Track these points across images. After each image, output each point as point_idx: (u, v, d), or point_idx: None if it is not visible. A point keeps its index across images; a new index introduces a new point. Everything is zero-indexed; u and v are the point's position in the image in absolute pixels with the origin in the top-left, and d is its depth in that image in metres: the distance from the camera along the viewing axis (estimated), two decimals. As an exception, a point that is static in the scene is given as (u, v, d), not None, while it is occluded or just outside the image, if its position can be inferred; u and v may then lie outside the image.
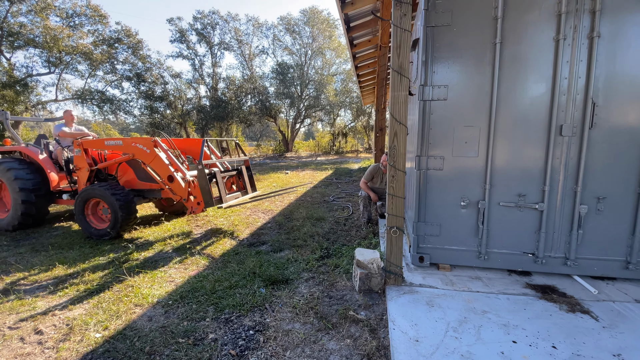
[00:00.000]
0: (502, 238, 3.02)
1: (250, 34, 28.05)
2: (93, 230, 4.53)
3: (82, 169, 4.83)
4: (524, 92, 2.81)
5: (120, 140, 4.54)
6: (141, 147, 4.35)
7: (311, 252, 3.84)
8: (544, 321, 2.28)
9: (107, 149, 4.71)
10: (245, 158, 5.27)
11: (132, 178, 4.94)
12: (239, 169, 5.08)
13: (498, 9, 2.74)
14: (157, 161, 4.29)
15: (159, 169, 4.31)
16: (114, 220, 4.38)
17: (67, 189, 5.23)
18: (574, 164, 2.80)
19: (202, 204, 4.20)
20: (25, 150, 5.33)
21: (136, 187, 4.91)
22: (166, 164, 4.25)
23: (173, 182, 4.25)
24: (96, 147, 4.82)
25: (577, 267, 2.91)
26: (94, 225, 4.59)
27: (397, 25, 2.52)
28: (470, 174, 3.00)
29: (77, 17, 18.91)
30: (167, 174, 4.26)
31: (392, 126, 2.65)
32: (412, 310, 2.41)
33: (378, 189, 5.10)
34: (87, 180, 4.82)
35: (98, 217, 4.70)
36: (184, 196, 4.24)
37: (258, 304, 2.62)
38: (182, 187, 4.23)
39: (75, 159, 4.86)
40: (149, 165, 4.35)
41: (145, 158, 4.35)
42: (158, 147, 4.33)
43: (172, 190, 4.31)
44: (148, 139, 4.36)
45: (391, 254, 2.77)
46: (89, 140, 4.84)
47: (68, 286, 3.07)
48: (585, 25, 2.66)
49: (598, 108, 2.70)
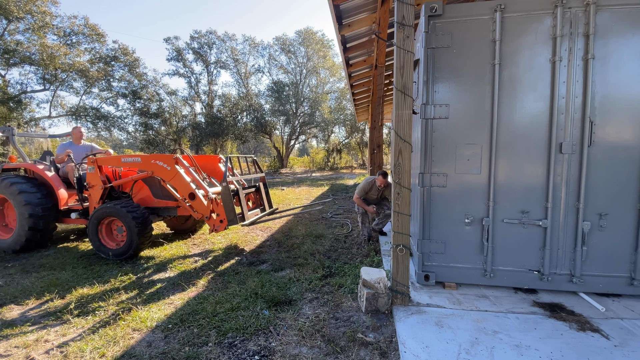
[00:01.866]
0: (507, 255, 3.01)
1: (247, 53, 28.57)
2: (108, 250, 4.36)
3: (96, 186, 4.67)
4: (524, 111, 2.88)
5: (138, 157, 4.42)
6: (161, 164, 4.24)
7: (313, 271, 3.76)
8: (555, 341, 2.24)
9: (123, 166, 4.58)
10: (261, 175, 5.21)
11: (147, 195, 4.79)
12: (257, 185, 5.03)
13: (496, 32, 2.84)
14: (178, 178, 4.18)
15: (179, 187, 4.21)
16: (129, 239, 4.24)
17: (76, 207, 5.03)
18: (575, 181, 2.84)
19: (225, 222, 4.10)
20: (32, 167, 5.13)
21: (151, 204, 4.74)
22: (187, 182, 4.16)
23: (195, 200, 4.15)
24: (112, 164, 4.67)
25: (583, 284, 2.90)
26: (109, 245, 4.43)
27: (400, 47, 2.59)
28: (473, 191, 3.02)
29: (75, 35, 19.08)
30: (188, 192, 4.16)
31: (397, 144, 2.67)
32: (422, 331, 2.35)
33: (373, 200, 5.06)
34: (100, 199, 4.67)
35: (112, 237, 4.54)
36: (206, 214, 4.14)
37: (262, 326, 2.53)
38: (205, 205, 4.13)
39: (89, 176, 4.69)
40: (169, 182, 4.24)
41: (165, 175, 4.25)
42: (179, 164, 4.24)
43: (193, 208, 4.20)
44: (169, 156, 4.26)
45: (398, 273, 2.73)
46: (104, 157, 4.69)
47: (61, 309, 2.93)
48: (579, 47, 2.76)
49: (596, 126, 2.77)
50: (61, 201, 4.95)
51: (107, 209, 4.34)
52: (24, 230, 4.67)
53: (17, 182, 4.78)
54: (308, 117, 28.49)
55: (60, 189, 4.99)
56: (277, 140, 31.02)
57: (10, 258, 4.61)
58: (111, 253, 4.32)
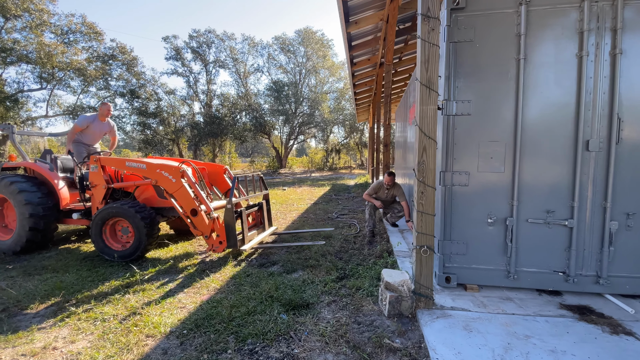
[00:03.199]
0: (531, 256, 2.92)
1: (246, 52, 28.44)
2: (113, 252, 4.22)
3: (98, 186, 4.50)
4: (549, 107, 2.79)
5: (144, 164, 4.22)
6: (166, 175, 4.05)
7: (326, 273, 3.65)
8: (590, 345, 2.15)
9: (127, 170, 4.39)
10: (265, 192, 5.06)
11: (151, 195, 4.64)
12: (261, 204, 4.89)
13: (521, 25, 2.76)
14: (181, 192, 4.00)
15: (182, 201, 4.03)
16: (137, 240, 4.11)
17: (78, 207, 4.87)
18: (602, 180, 2.76)
19: (224, 244, 3.97)
20: (33, 166, 4.95)
21: (156, 204, 4.60)
22: (191, 197, 3.97)
23: (196, 217, 3.99)
24: (115, 166, 4.50)
25: (610, 286, 2.81)
26: (114, 247, 4.28)
27: (425, 39, 2.49)
28: (496, 189, 2.93)
29: (72, 34, 18.85)
30: (190, 207, 3.99)
31: (421, 141, 2.57)
32: (450, 336, 2.25)
33: (382, 200, 5.42)
34: (103, 199, 4.51)
35: (116, 238, 4.40)
36: (206, 233, 3.99)
37: (282, 331, 2.42)
38: (206, 224, 3.98)
39: (91, 175, 4.51)
40: (173, 194, 4.07)
41: (169, 187, 4.06)
42: (185, 177, 4.07)
43: (194, 224, 4.05)
44: (175, 167, 4.08)
45: (421, 275, 2.63)
46: (108, 158, 4.53)
47: (68, 315, 2.80)
48: (607, 42, 2.68)
49: (623, 123, 2.69)
50: (63, 201, 4.80)
51: (113, 209, 4.19)
52: (24, 231, 4.51)
53: (17, 181, 4.63)
54: (307, 117, 28.39)
55: (62, 189, 4.84)
56: (276, 140, 30.89)
57: (10, 260, 4.45)
58: (117, 255, 4.18)
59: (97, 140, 5.51)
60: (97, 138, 5.46)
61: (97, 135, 5.40)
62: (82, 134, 5.22)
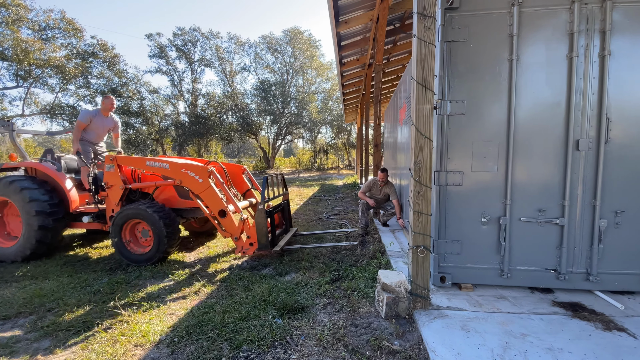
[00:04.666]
0: (523, 255, 2.95)
1: (232, 51, 28.07)
2: (132, 255, 4.04)
3: (115, 186, 4.27)
4: (541, 107, 2.83)
5: (166, 164, 4.01)
6: (192, 175, 3.88)
7: (320, 275, 3.60)
8: (585, 342, 2.18)
9: (147, 169, 4.17)
10: (286, 192, 4.90)
11: (171, 196, 4.42)
12: (282, 205, 4.73)
13: (513, 26, 2.78)
14: (209, 193, 3.84)
15: (210, 202, 3.86)
16: (157, 243, 3.93)
17: (90, 209, 4.59)
18: (592, 178, 2.81)
19: (255, 245, 3.84)
20: (38, 166, 4.63)
21: (176, 205, 4.39)
22: (219, 198, 3.82)
23: (225, 218, 3.84)
24: (134, 165, 4.27)
25: (599, 283, 2.87)
26: (134, 251, 4.10)
27: (421, 38, 2.47)
28: (490, 189, 2.95)
29: (50, 30, 18.12)
30: (219, 209, 3.84)
31: (417, 140, 2.55)
32: (449, 337, 2.23)
33: (376, 198, 5.46)
34: (120, 200, 4.28)
35: (136, 241, 4.21)
36: (236, 235, 3.84)
37: (278, 337, 2.34)
38: (235, 225, 3.84)
39: (107, 175, 4.27)
40: (199, 195, 3.90)
41: (195, 188, 3.89)
42: (212, 176, 3.93)
43: (222, 226, 3.90)
44: (202, 167, 3.90)
45: (417, 276, 2.61)
46: (125, 157, 4.28)
47: (49, 324, 2.64)
48: (596, 44, 2.73)
49: (612, 123, 2.75)
50: (72, 203, 4.48)
51: (131, 211, 3.99)
52: (32, 231, 4.19)
53: (17, 179, 4.33)
54: (295, 117, 28.25)
55: (71, 190, 4.52)
56: (263, 141, 30.60)
57: (-16, 267, 4.19)
58: (137, 258, 4.00)
59: (102, 137, 5.12)
60: (102, 135, 5.07)
61: (101, 132, 5.01)
62: (86, 131, 4.85)
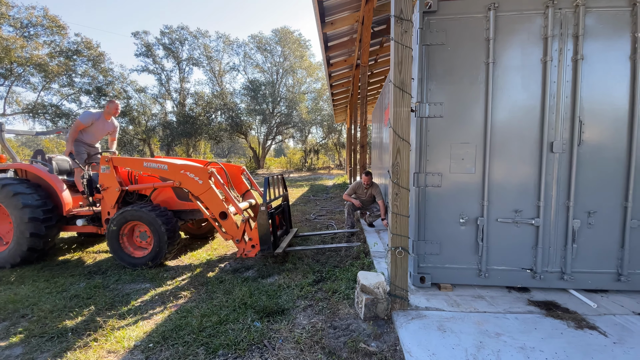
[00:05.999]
0: (501, 255, 3.01)
1: (221, 50, 27.81)
2: (130, 258, 3.95)
3: (110, 188, 4.16)
4: (516, 110, 2.88)
5: (165, 165, 3.92)
6: (192, 177, 3.80)
7: (303, 277, 3.59)
8: (557, 340, 2.23)
9: (145, 171, 4.07)
10: (286, 193, 4.82)
11: (169, 197, 4.34)
12: (282, 206, 4.66)
13: (490, 30, 2.82)
14: (209, 195, 3.77)
15: (210, 204, 3.79)
16: (157, 246, 3.85)
17: (84, 212, 4.45)
18: (565, 180, 2.88)
19: (257, 248, 3.78)
20: (29, 168, 4.46)
21: (174, 207, 4.30)
22: (220, 199, 3.76)
23: (226, 220, 3.77)
24: (131, 166, 4.16)
25: (573, 281, 2.94)
26: (133, 254, 4.01)
27: (398, 41, 2.49)
28: (468, 190, 2.99)
29: (33, 27, 17.63)
30: (220, 210, 3.77)
31: (395, 143, 2.57)
32: (425, 337, 2.25)
33: (362, 199, 5.52)
34: (116, 202, 4.17)
35: (133, 244, 4.12)
36: (237, 237, 3.78)
37: (255, 340, 2.33)
38: (236, 227, 3.77)
39: (102, 176, 4.17)
40: (199, 197, 3.82)
41: (195, 189, 3.81)
42: (213, 178, 3.84)
43: (222, 228, 3.83)
44: (202, 168, 3.82)
45: (396, 277, 2.62)
46: (121, 158, 4.17)
47: (22, 330, 2.57)
48: (569, 48, 2.80)
49: (584, 126, 2.82)
50: (65, 206, 4.35)
51: (129, 213, 3.90)
52: (24, 238, 4.04)
53: (9, 183, 4.17)
54: (285, 117, 28.16)
55: (64, 192, 4.38)
56: (253, 141, 30.43)
57: (-44, 272, 4.05)
58: (135, 262, 3.92)
59: (98, 139, 5.01)
60: (99, 137, 4.97)
61: (100, 135, 4.91)
62: (83, 132, 4.70)
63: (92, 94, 21.31)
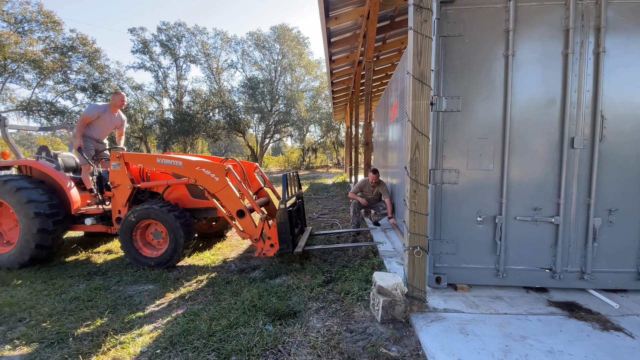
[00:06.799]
0: (519, 254, 2.91)
1: (219, 47, 27.50)
2: (145, 258, 3.81)
3: (122, 186, 3.99)
4: (536, 104, 2.79)
5: (179, 161, 3.76)
6: (208, 174, 3.66)
7: (312, 277, 3.48)
8: (585, 343, 2.14)
9: (158, 167, 3.92)
10: (300, 190, 4.68)
11: (183, 194, 4.18)
12: (298, 204, 4.51)
13: (509, 21, 2.72)
14: (226, 192, 3.63)
15: (227, 202, 3.65)
16: (173, 246, 3.72)
17: (92, 211, 4.30)
18: (586, 176, 2.79)
19: (276, 247, 3.63)
20: (35, 164, 4.27)
21: (188, 205, 4.15)
22: (237, 197, 3.62)
23: (244, 218, 3.63)
24: (143, 163, 4.01)
25: (593, 281, 2.86)
26: (146, 254, 3.86)
27: (417, 31, 2.37)
28: (485, 187, 2.89)
29: (27, 22, 17.30)
30: (237, 209, 3.63)
31: (414, 137, 2.46)
32: (448, 341, 2.15)
33: (368, 197, 5.37)
34: (127, 200, 4.00)
35: (146, 243, 3.97)
36: (256, 236, 3.64)
37: (269, 345, 2.21)
38: (254, 226, 3.63)
39: (113, 173, 3.99)
40: (215, 194, 3.68)
41: (211, 186, 3.67)
42: (229, 175, 3.69)
43: (240, 226, 3.69)
44: (219, 165, 3.69)
45: (414, 278, 2.52)
46: (134, 154, 4.02)
47: (20, 336, 2.43)
48: (591, 40, 2.70)
49: (606, 121, 2.73)
50: (74, 204, 4.15)
51: (145, 211, 3.74)
52: (31, 235, 3.83)
53: (12, 179, 3.98)
54: (283, 115, 27.96)
55: (72, 190, 4.19)
56: (250, 139, 30.21)
57: (-52, 274, 3.88)
58: (150, 262, 3.78)
59: (106, 134, 4.81)
60: (106, 132, 4.76)
61: (107, 129, 4.69)
62: (90, 126, 4.49)
63: (87, 91, 20.97)
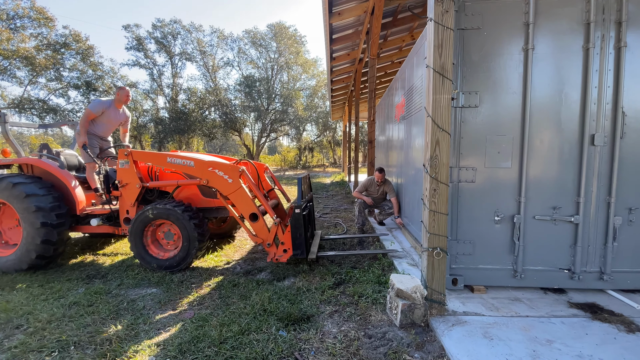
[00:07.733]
0: (537, 254, 2.83)
1: (214, 45, 27.18)
2: (156, 260, 3.66)
3: (130, 185, 3.83)
4: (556, 100, 2.71)
5: (191, 161, 3.60)
6: (221, 175, 3.51)
7: (321, 279, 3.37)
8: (613, 347, 2.06)
9: (168, 167, 3.77)
10: (310, 193, 4.52)
11: (193, 194, 4.02)
12: (309, 207, 4.34)
13: (529, 14, 2.63)
14: (240, 195, 3.49)
15: (240, 204, 3.52)
16: (186, 247, 3.57)
17: (98, 211, 4.12)
18: (606, 174, 2.72)
19: (289, 252, 3.52)
20: (38, 163, 4.08)
21: (198, 204, 3.99)
22: (251, 200, 3.49)
23: (257, 222, 3.51)
24: (153, 162, 3.84)
25: (612, 282, 2.79)
26: (158, 255, 3.71)
27: (438, 22, 2.27)
28: (503, 186, 2.80)
29: (19, 19, 16.90)
30: (250, 212, 3.50)
31: (434, 133, 2.36)
32: (472, 346, 2.06)
33: (374, 197, 5.31)
34: (136, 200, 3.84)
35: (157, 244, 3.82)
36: (269, 241, 3.52)
37: (285, 353, 2.10)
38: (267, 230, 3.52)
39: (121, 172, 3.83)
40: (228, 196, 3.53)
41: (224, 188, 3.52)
42: (243, 177, 3.54)
43: (252, 230, 3.56)
44: (233, 166, 3.53)
45: (433, 280, 2.43)
46: (143, 152, 3.85)
47: (18, 345, 2.29)
48: (612, 35, 2.63)
49: (627, 117, 2.66)
50: (79, 205, 3.98)
51: (164, 211, 3.58)
52: (34, 244, 3.65)
53: (22, 182, 3.76)
54: (280, 114, 27.76)
55: (77, 190, 4.01)
56: (246, 138, 29.96)
57: (-61, 277, 3.70)
58: (161, 264, 3.64)
59: (111, 131, 4.62)
60: (111, 129, 4.58)
61: (112, 125, 4.52)
62: (95, 123, 4.32)
63: (80, 89, 20.58)
